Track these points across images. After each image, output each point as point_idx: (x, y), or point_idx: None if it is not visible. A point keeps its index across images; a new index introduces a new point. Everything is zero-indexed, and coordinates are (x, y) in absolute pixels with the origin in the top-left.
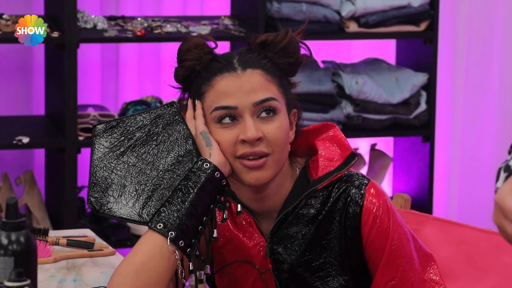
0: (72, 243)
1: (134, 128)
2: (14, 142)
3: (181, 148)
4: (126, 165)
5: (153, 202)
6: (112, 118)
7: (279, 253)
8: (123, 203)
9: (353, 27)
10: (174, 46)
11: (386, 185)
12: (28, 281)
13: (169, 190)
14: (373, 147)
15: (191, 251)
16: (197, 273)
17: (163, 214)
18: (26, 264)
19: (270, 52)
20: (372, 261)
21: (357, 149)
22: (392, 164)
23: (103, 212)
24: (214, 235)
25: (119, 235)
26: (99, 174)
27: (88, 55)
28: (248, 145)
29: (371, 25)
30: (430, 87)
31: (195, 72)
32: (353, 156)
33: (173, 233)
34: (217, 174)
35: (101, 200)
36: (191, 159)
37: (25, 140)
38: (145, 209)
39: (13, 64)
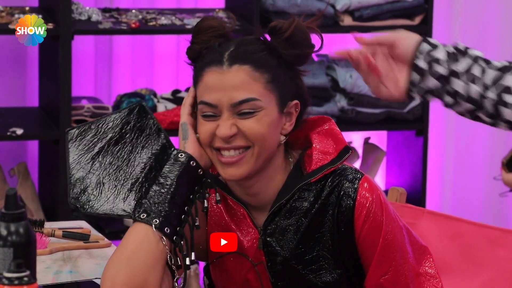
0: (68, 234)
1: (106, 129)
2: (8, 133)
3: (154, 143)
4: (103, 164)
5: (133, 195)
6: (106, 109)
7: (272, 245)
8: (104, 200)
9: (347, 20)
10: (168, 38)
11: (379, 179)
12: (28, 272)
13: (147, 182)
14: (366, 141)
15: (178, 238)
16: (186, 260)
17: (145, 205)
18: (25, 255)
19: (276, 41)
20: (365, 255)
21: (350, 142)
22: (386, 158)
23: (85, 211)
24: (196, 224)
25: (113, 227)
26: (76, 176)
27: (82, 47)
28: (224, 141)
29: (365, 18)
30: None
31: (201, 56)
32: (347, 150)
33: (157, 220)
34: (193, 163)
35: (81, 200)
36: (165, 151)
37: (19, 131)
38: (126, 203)
39: (7, 55)
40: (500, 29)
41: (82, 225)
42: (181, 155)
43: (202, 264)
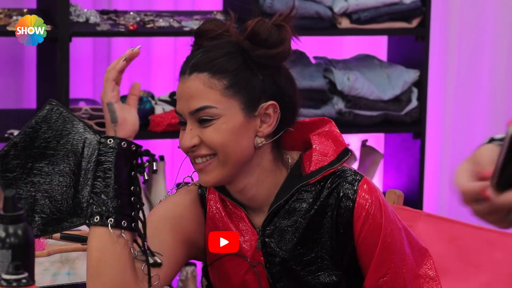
0: (66, 236)
1: (26, 146)
2: (6, 135)
3: (80, 139)
4: (38, 184)
5: (80, 200)
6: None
7: (271, 246)
8: (55, 217)
9: (345, 23)
10: (166, 40)
11: (377, 181)
12: (26, 274)
13: (88, 181)
14: (364, 143)
15: (136, 224)
16: (146, 246)
17: (95, 207)
18: (23, 257)
19: (244, 41)
20: (364, 257)
21: (348, 145)
22: (383, 160)
23: (40, 235)
24: (142, 203)
25: None
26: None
27: (80, 49)
28: (190, 152)
29: (363, 21)
30: (421, 84)
31: None
32: (346, 152)
33: (111, 219)
34: (124, 144)
35: (39, 226)
36: (92, 143)
37: (17, 133)
38: (76, 210)
39: (5, 57)
40: (497, 32)
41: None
42: (110, 141)
43: (199, 265)
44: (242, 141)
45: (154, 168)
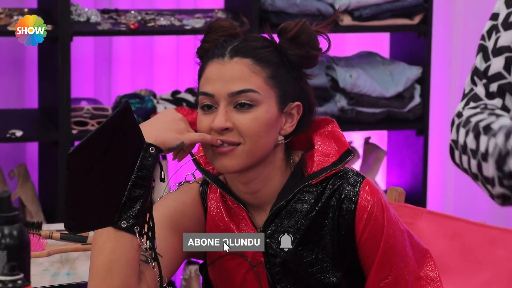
0: (66, 236)
1: (98, 142)
2: (8, 135)
3: (131, 144)
4: (96, 180)
5: (116, 202)
6: (105, 110)
7: (271, 247)
8: (97, 214)
9: (347, 20)
10: (168, 39)
11: (380, 179)
12: (21, 275)
13: (126, 185)
14: (367, 141)
15: (153, 226)
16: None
17: (125, 212)
18: (19, 258)
19: (281, 41)
20: (366, 259)
21: (351, 142)
22: (386, 157)
23: (83, 230)
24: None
25: None
26: (74, 199)
27: (81, 48)
28: (218, 133)
29: (365, 18)
30: (424, 81)
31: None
32: (349, 153)
33: (138, 227)
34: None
35: (78, 223)
36: (139, 148)
37: (19, 133)
38: (111, 211)
39: (6, 57)
40: None
41: None
42: (152, 149)
43: None
44: (271, 135)
45: (162, 177)
